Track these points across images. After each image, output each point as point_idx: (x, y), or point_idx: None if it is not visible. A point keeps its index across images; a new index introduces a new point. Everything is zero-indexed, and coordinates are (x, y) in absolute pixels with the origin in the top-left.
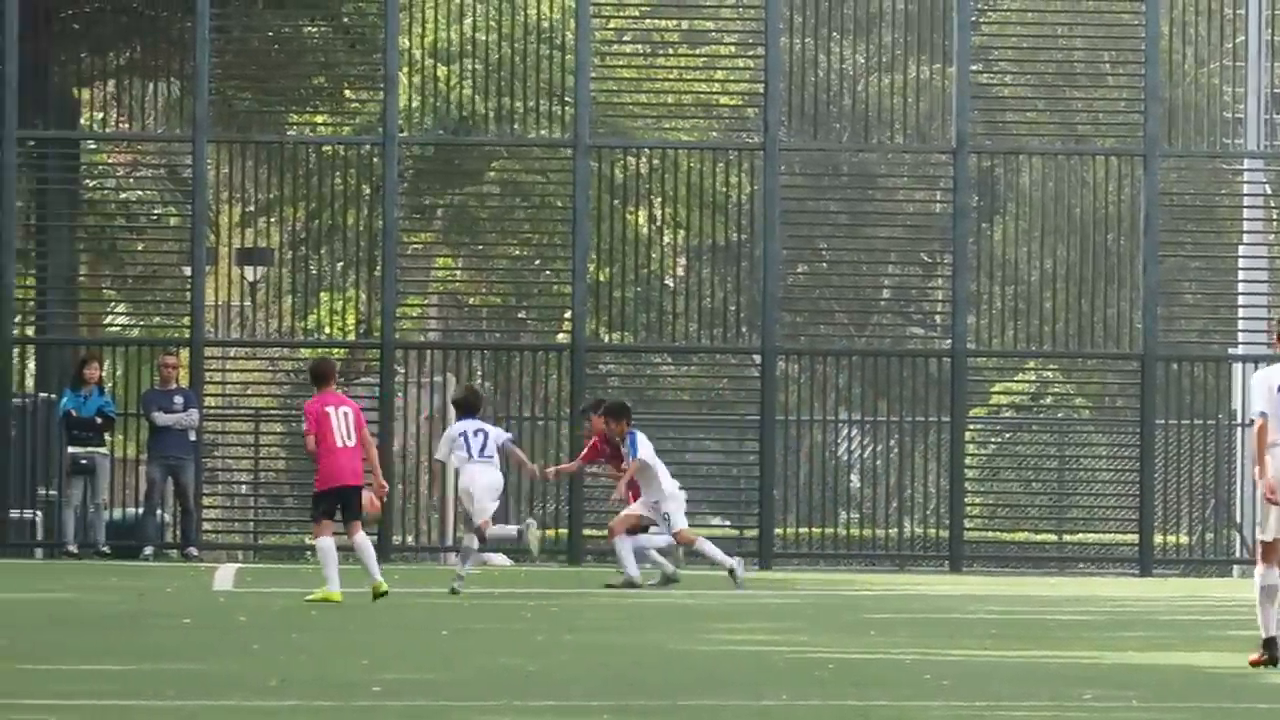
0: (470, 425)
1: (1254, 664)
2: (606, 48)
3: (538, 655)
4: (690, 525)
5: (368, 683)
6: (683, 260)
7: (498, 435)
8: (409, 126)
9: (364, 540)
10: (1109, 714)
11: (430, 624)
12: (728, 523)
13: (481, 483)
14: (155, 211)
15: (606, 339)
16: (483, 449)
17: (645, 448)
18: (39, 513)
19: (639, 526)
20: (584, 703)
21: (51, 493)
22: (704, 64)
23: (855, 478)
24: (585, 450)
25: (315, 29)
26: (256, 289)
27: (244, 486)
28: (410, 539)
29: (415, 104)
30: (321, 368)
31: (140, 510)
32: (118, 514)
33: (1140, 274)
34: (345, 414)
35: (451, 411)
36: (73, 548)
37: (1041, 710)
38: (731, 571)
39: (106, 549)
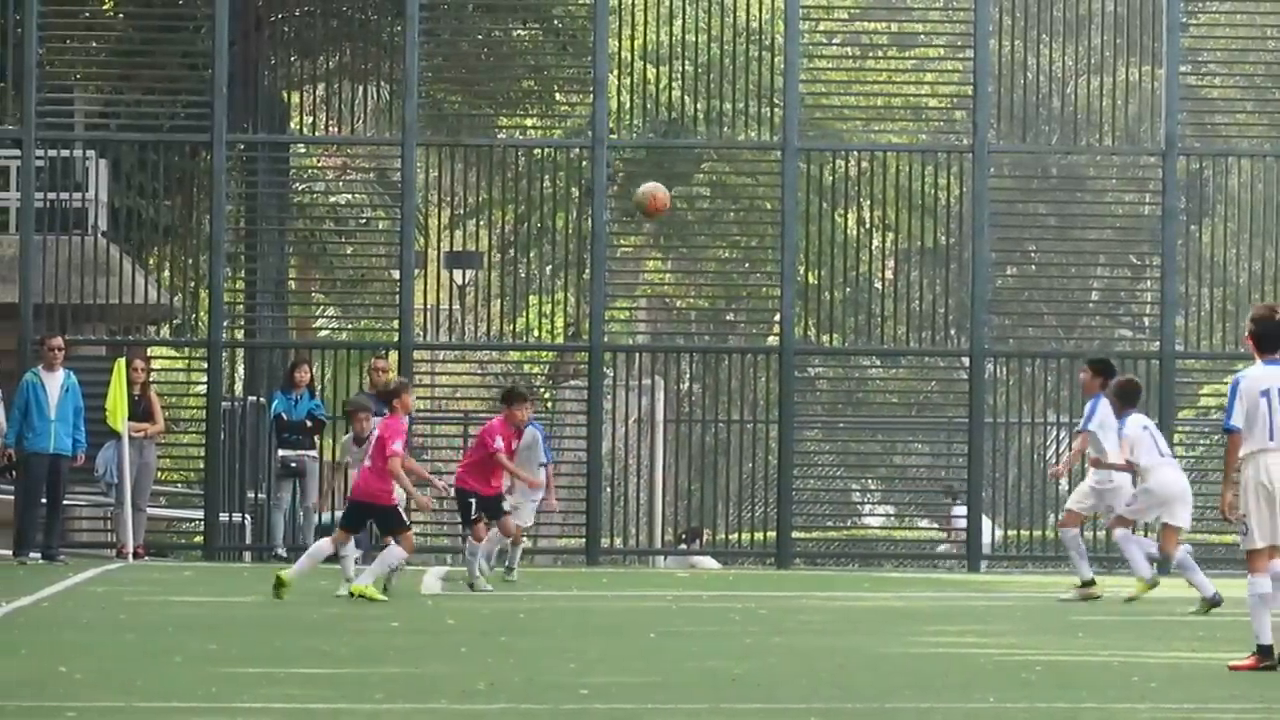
0: None
1: (1241, 669)
2: (816, 50)
3: (745, 658)
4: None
5: (575, 686)
6: (891, 263)
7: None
8: (618, 129)
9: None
10: None
11: (638, 627)
12: (935, 525)
13: None
14: (364, 215)
15: (815, 342)
16: None
17: None
18: (248, 516)
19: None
20: (791, 705)
21: (261, 496)
22: (913, 66)
23: (1064, 480)
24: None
25: (525, 32)
26: (465, 292)
27: (452, 489)
28: (619, 542)
29: (625, 106)
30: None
31: None
32: (326, 517)
33: None
34: (374, 435)
35: (660, 413)
36: (282, 551)
37: (1250, 712)
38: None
39: None
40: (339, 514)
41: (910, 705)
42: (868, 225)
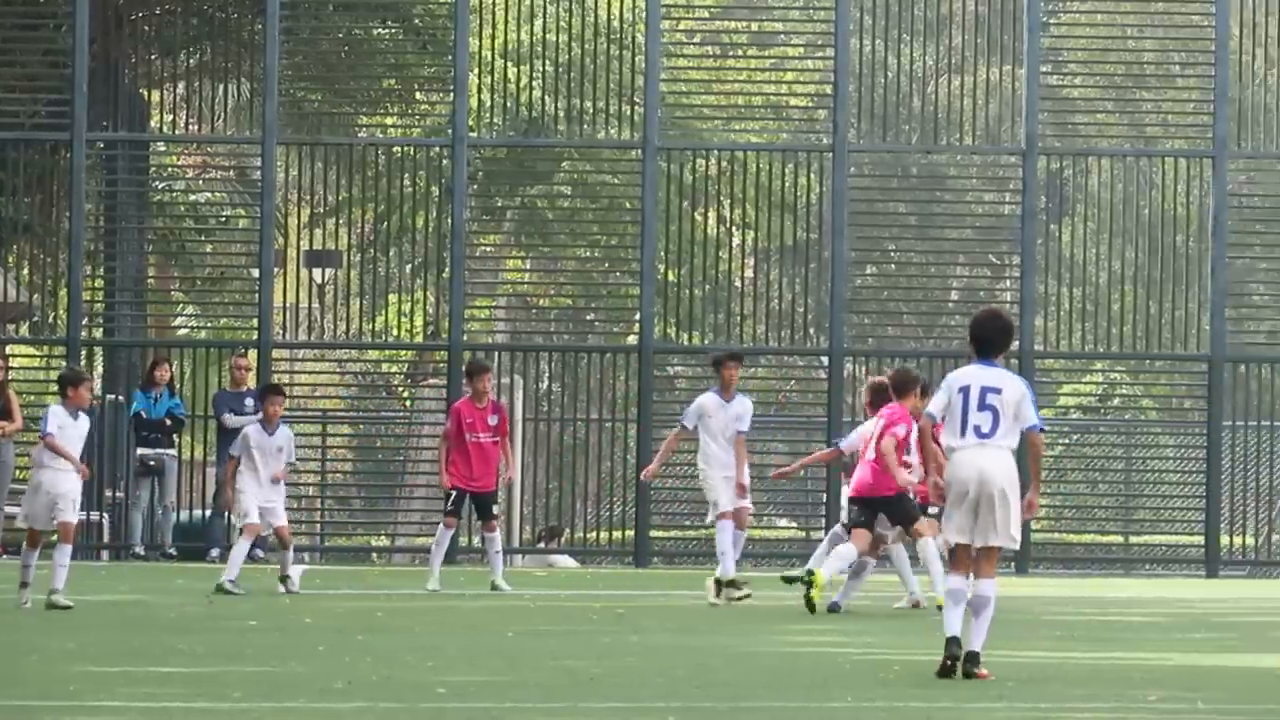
0: None
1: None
2: (676, 49)
3: (603, 657)
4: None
5: (433, 684)
6: (751, 261)
7: None
8: (478, 128)
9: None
10: (1174, 716)
11: (496, 626)
12: (794, 524)
13: None
14: (224, 213)
15: (675, 340)
16: None
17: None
18: (106, 515)
19: None
20: (649, 704)
21: (119, 495)
22: (773, 65)
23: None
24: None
25: (385, 30)
26: (325, 291)
27: (311, 489)
28: (477, 540)
29: (485, 105)
30: None
31: (208, 512)
32: (185, 516)
33: (1209, 276)
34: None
35: (519, 411)
36: (140, 549)
37: (1106, 712)
38: None
39: (173, 551)
40: (198, 512)
41: (768, 704)
42: (728, 224)
